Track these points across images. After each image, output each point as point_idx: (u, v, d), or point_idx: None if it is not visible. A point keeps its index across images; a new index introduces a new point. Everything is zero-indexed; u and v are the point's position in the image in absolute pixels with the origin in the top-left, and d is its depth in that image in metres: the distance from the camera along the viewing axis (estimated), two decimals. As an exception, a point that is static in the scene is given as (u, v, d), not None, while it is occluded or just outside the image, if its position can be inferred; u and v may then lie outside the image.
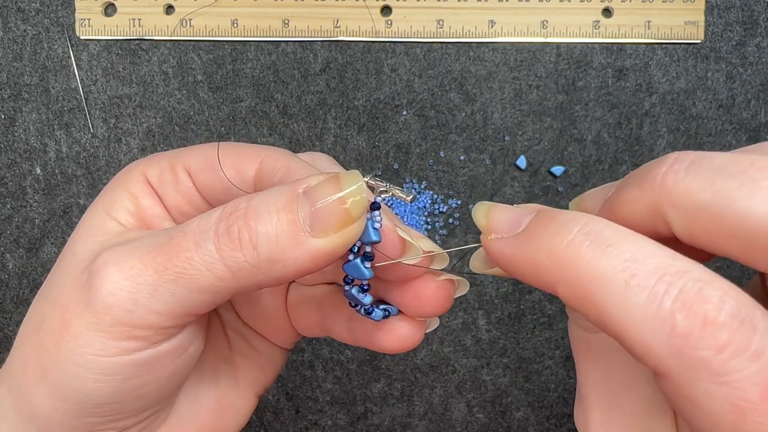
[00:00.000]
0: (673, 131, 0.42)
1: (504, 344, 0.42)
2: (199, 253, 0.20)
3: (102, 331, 0.20)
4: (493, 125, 0.42)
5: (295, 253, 0.20)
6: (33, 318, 0.23)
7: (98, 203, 0.24)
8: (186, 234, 0.20)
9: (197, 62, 0.42)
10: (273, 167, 0.24)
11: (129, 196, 0.24)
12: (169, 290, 0.20)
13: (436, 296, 0.23)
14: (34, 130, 0.42)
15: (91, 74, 0.42)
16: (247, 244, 0.20)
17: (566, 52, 0.42)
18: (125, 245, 0.21)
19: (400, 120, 0.42)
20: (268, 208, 0.20)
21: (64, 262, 0.23)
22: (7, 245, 0.43)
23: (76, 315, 0.21)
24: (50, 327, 0.21)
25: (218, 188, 0.25)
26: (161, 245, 0.20)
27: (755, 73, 0.41)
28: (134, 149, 0.42)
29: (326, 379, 0.43)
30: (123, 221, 0.24)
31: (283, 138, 0.42)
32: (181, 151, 0.25)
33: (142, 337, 0.21)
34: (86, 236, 0.23)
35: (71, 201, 0.43)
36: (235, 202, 0.20)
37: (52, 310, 0.22)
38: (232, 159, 0.25)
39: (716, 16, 0.41)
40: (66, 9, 0.42)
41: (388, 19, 0.42)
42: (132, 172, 0.25)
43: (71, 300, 0.21)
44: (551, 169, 0.42)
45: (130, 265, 0.20)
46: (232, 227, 0.20)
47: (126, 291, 0.20)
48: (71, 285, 0.21)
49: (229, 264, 0.20)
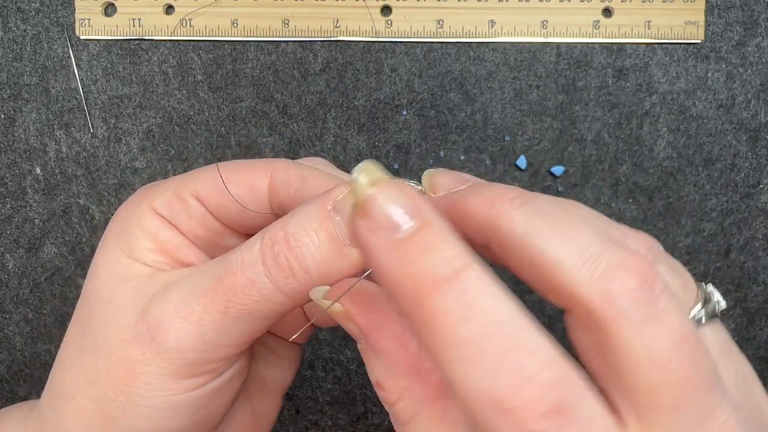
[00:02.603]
0: (673, 131, 0.42)
1: (504, 344, 0.42)
2: (256, 287, 0.21)
3: (175, 373, 0.21)
4: (493, 125, 0.42)
5: (343, 265, 0.21)
6: (78, 371, 0.23)
7: (114, 246, 0.24)
8: (236, 272, 0.21)
9: (197, 62, 0.42)
10: (285, 179, 0.25)
11: (146, 235, 0.24)
12: (235, 325, 0.21)
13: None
14: (34, 130, 0.42)
15: (91, 74, 0.42)
16: (298, 270, 0.21)
17: (566, 52, 0.42)
18: (174, 291, 0.22)
19: (400, 120, 0.42)
20: (306, 232, 0.21)
21: (100, 312, 0.23)
22: (7, 245, 0.43)
23: (145, 364, 0.21)
24: (111, 379, 0.22)
25: (232, 208, 0.25)
26: (214, 288, 0.21)
27: (755, 73, 0.41)
28: (134, 149, 0.42)
29: (326, 379, 0.43)
30: (149, 262, 0.24)
31: (283, 138, 0.42)
32: (184, 178, 0.25)
33: (213, 370, 0.22)
34: (115, 283, 0.23)
35: (71, 201, 0.43)
36: (272, 232, 0.21)
37: (108, 362, 0.22)
38: (241, 177, 0.25)
39: (716, 16, 0.41)
40: (66, 9, 0.42)
41: (388, 19, 0.42)
42: (140, 208, 0.25)
43: (132, 352, 0.22)
44: (551, 169, 0.42)
45: (190, 311, 0.21)
46: (279, 257, 0.21)
47: (193, 335, 0.21)
48: (127, 338, 0.22)
49: (285, 291, 0.21)
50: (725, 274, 0.42)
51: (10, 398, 0.44)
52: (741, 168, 0.42)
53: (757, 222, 0.42)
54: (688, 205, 0.42)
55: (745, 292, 0.42)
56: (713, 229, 0.42)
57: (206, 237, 0.26)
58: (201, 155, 0.42)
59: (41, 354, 0.43)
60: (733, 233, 0.42)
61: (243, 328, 0.22)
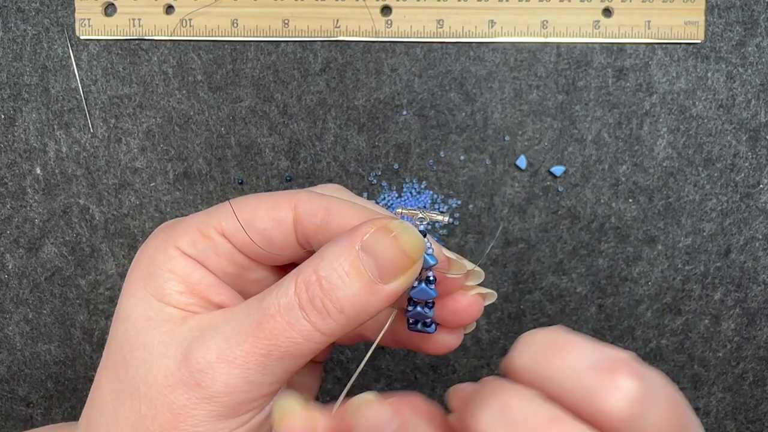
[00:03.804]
0: (673, 131, 0.42)
1: (504, 344, 0.42)
2: (296, 330, 0.22)
3: (222, 415, 0.22)
4: (493, 125, 0.42)
5: (376, 302, 0.22)
6: (121, 417, 0.24)
7: (142, 290, 0.24)
8: (274, 316, 0.22)
9: (197, 62, 0.42)
10: (309, 210, 0.25)
11: (174, 277, 0.25)
12: (279, 365, 0.22)
13: (469, 309, 0.26)
14: (34, 130, 0.42)
15: (91, 74, 0.42)
16: (333, 312, 0.22)
17: (566, 52, 0.42)
18: (214, 337, 0.23)
19: (400, 120, 0.42)
20: (338, 274, 0.22)
21: (136, 358, 0.24)
22: (7, 245, 0.43)
23: (191, 408, 0.22)
24: (158, 423, 0.23)
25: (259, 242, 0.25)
26: (255, 333, 0.22)
27: (755, 73, 0.41)
28: (134, 149, 0.42)
29: (326, 379, 0.43)
30: (181, 305, 0.24)
31: (283, 138, 0.42)
32: (207, 214, 0.26)
33: (257, 407, 0.23)
34: (148, 327, 0.24)
35: (71, 201, 0.43)
36: (306, 275, 0.22)
37: (153, 407, 0.23)
38: (265, 211, 0.25)
39: (716, 16, 0.41)
40: (66, 9, 0.42)
41: (388, 19, 0.42)
42: (165, 249, 0.25)
43: (178, 397, 0.22)
44: (551, 169, 0.42)
45: (233, 357, 0.22)
46: (315, 301, 0.22)
47: (239, 378, 0.22)
48: (171, 383, 0.23)
49: (323, 331, 0.22)
50: (725, 274, 0.42)
51: (10, 398, 0.44)
52: (741, 168, 0.42)
53: (757, 222, 0.42)
54: (688, 205, 0.42)
55: (745, 292, 0.42)
56: (713, 229, 0.42)
57: (234, 272, 0.26)
58: (201, 155, 0.42)
59: (41, 354, 0.43)
60: (733, 233, 0.42)
61: (285, 367, 0.22)
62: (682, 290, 0.42)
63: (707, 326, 0.42)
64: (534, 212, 0.42)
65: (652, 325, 0.42)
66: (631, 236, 0.42)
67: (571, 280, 0.42)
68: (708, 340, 0.42)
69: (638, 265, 0.42)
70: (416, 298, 0.25)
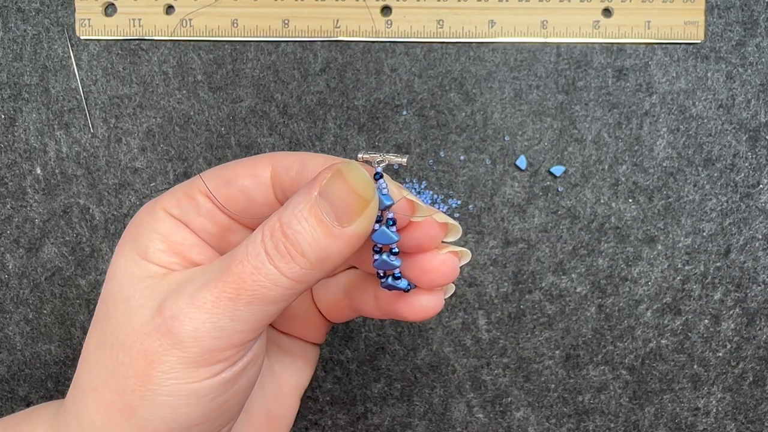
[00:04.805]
0: (673, 131, 0.42)
1: (504, 344, 0.42)
2: (262, 273, 0.23)
3: (193, 361, 0.23)
4: (493, 125, 0.42)
5: (337, 246, 0.23)
6: (101, 366, 0.24)
7: (129, 250, 0.25)
8: (242, 261, 0.23)
9: (197, 62, 0.42)
10: (285, 164, 0.26)
11: (158, 237, 0.25)
12: (248, 310, 0.23)
13: (442, 268, 0.25)
14: (34, 130, 0.42)
15: (91, 74, 0.42)
16: (296, 255, 0.23)
17: (566, 52, 0.42)
18: (187, 286, 0.23)
19: (400, 120, 0.42)
20: (297, 219, 0.23)
21: (119, 311, 0.24)
22: (7, 245, 0.43)
23: (162, 354, 0.23)
24: (132, 371, 0.23)
25: (240, 199, 0.26)
26: (223, 277, 0.23)
27: (755, 73, 0.41)
28: (134, 149, 0.42)
29: (326, 379, 0.43)
30: (162, 262, 0.25)
31: (283, 138, 0.42)
32: (193, 179, 0.27)
33: (228, 358, 0.23)
34: (131, 283, 0.25)
35: (71, 201, 0.43)
36: (270, 223, 0.23)
37: (129, 355, 0.23)
38: (246, 169, 0.26)
39: (716, 16, 0.41)
40: (66, 9, 0.42)
41: (388, 19, 0.42)
42: (152, 212, 0.26)
43: (151, 344, 0.23)
44: (551, 169, 0.42)
45: (202, 302, 0.23)
46: (279, 245, 0.23)
47: (209, 323, 0.23)
48: (145, 332, 0.23)
49: (289, 275, 0.23)
50: (725, 274, 0.42)
51: (10, 398, 0.44)
52: (741, 168, 0.42)
53: (757, 222, 0.42)
54: (688, 205, 0.42)
55: (744, 292, 0.42)
56: (713, 229, 0.42)
57: (216, 232, 0.27)
58: (201, 155, 0.42)
59: (41, 354, 0.43)
60: (733, 233, 0.42)
61: (255, 314, 0.23)
62: (682, 290, 0.42)
63: (707, 326, 0.42)
64: (534, 212, 0.42)
65: (651, 325, 0.42)
66: (631, 236, 0.42)
67: (571, 280, 0.42)
68: (708, 340, 0.42)
69: (638, 265, 0.42)
70: (378, 243, 0.25)
